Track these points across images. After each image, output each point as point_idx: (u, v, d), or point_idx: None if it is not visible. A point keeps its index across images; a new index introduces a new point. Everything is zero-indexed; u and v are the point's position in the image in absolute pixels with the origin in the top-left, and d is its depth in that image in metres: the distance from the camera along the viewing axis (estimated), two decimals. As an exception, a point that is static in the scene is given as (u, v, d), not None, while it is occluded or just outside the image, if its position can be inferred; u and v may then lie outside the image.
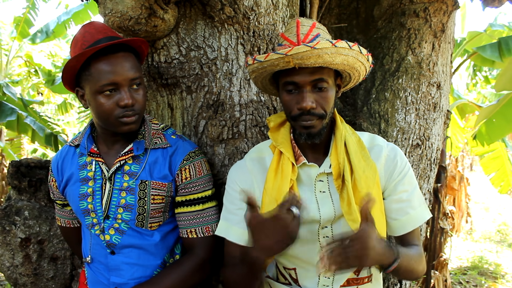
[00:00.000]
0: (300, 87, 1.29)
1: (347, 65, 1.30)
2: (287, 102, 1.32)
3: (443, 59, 2.22)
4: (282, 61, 1.25)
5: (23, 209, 2.04)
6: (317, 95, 1.29)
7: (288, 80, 1.30)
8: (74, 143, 1.65)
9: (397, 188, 1.42)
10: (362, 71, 1.39)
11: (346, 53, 1.26)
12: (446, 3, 2.14)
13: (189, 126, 1.84)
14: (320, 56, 1.22)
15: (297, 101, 1.29)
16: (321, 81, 1.28)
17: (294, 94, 1.31)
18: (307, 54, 1.21)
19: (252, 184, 1.46)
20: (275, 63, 1.27)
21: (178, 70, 1.78)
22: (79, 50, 1.41)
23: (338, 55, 1.24)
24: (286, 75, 1.30)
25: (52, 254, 2.07)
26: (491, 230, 8.75)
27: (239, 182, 1.47)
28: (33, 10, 7.87)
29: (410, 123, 2.10)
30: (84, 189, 1.57)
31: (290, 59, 1.22)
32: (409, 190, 1.44)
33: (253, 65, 1.34)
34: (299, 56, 1.21)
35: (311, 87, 1.29)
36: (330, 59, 1.24)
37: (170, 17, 1.70)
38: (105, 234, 1.56)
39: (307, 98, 1.27)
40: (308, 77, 1.27)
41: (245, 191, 1.22)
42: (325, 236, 1.43)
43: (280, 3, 1.86)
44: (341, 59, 1.26)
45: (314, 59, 1.22)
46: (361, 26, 2.32)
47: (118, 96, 1.41)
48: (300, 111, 1.29)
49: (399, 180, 1.42)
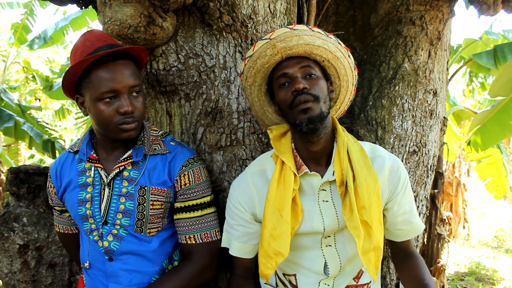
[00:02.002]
0: (291, 76, 1.34)
1: (328, 51, 1.36)
2: (283, 96, 1.35)
3: (439, 66, 2.24)
4: (269, 49, 1.34)
5: (21, 215, 2.05)
6: (309, 81, 1.34)
7: (279, 74, 1.36)
8: (73, 149, 1.66)
9: (401, 201, 1.46)
10: (347, 67, 1.43)
11: (324, 38, 1.36)
12: (442, 11, 2.17)
13: (188, 133, 1.86)
14: (301, 37, 1.32)
15: (291, 88, 1.33)
16: (309, 67, 1.35)
17: (288, 86, 1.35)
18: (288, 34, 1.32)
19: (253, 200, 1.47)
20: (262, 52, 1.35)
21: (177, 77, 1.79)
22: (79, 57, 1.42)
23: (316, 38, 1.34)
24: (277, 71, 1.37)
25: (50, 261, 2.07)
26: (488, 236, 8.76)
27: (240, 200, 1.49)
28: (31, 16, 7.89)
29: (407, 130, 2.12)
30: (83, 194, 1.58)
31: (274, 43, 1.32)
32: (410, 200, 1.49)
33: (245, 67, 1.41)
34: (281, 37, 1.32)
35: (302, 74, 1.34)
36: (310, 40, 1.33)
37: (169, 25, 1.72)
38: (103, 241, 1.56)
39: (299, 81, 1.32)
40: (296, 65, 1.35)
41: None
42: (328, 245, 1.45)
43: (278, 12, 1.88)
44: (321, 42, 1.35)
45: (296, 40, 1.32)
46: (358, 34, 2.35)
47: (118, 103, 1.42)
48: (295, 93, 1.31)
49: (403, 192, 1.45)
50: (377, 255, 1.35)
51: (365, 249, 1.34)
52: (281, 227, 1.36)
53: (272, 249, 1.37)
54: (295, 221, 1.38)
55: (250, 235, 1.48)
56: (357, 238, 1.33)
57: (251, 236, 1.48)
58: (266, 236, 1.38)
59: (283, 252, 1.35)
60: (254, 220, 1.48)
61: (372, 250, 1.34)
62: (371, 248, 1.34)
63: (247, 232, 1.48)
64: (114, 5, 1.62)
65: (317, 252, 1.44)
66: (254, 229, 1.48)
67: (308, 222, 1.40)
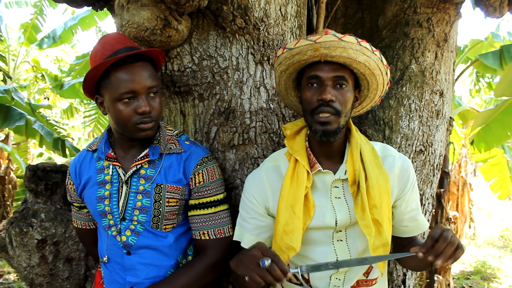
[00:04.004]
0: (322, 81, 1.35)
1: (368, 68, 1.36)
2: (309, 97, 1.38)
3: (445, 67, 2.29)
4: (310, 50, 1.32)
5: (39, 211, 2.12)
6: (337, 91, 1.36)
7: (312, 74, 1.37)
8: (92, 148, 1.72)
9: (409, 199, 1.51)
10: (380, 83, 1.45)
11: (369, 54, 1.34)
12: (448, 13, 2.21)
13: (201, 132, 1.92)
14: (346, 50, 1.30)
15: (318, 94, 1.35)
16: (342, 79, 1.35)
17: (316, 88, 1.37)
18: (334, 44, 1.29)
19: (266, 194, 1.53)
20: (303, 51, 1.33)
21: (191, 78, 1.85)
22: (99, 59, 1.48)
23: (361, 54, 1.32)
24: (311, 70, 1.38)
25: (67, 255, 2.14)
26: (494, 235, 8.77)
27: (254, 193, 1.54)
28: (40, 16, 7.97)
29: (414, 129, 2.17)
30: (102, 192, 1.64)
31: (318, 47, 1.29)
32: (416, 199, 1.54)
33: (282, 55, 1.41)
34: (327, 44, 1.29)
35: (333, 82, 1.36)
36: (354, 55, 1.31)
37: (184, 28, 1.78)
38: (121, 235, 1.62)
39: (328, 91, 1.34)
40: (331, 72, 1.34)
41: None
42: (339, 240, 1.50)
43: (289, 14, 1.93)
44: (364, 59, 1.33)
45: (339, 51, 1.30)
46: (366, 36, 2.39)
47: (136, 103, 1.48)
48: (320, 102, 1.34)
49: (411, 190, 1.51)
50: (386, 250, 1.43)
51: (375, 246, 1.41)
52: (293, 222, 1.42)
53: (285, 244, 1.42)
54: (307, 217, 1.44)
55: (262, 228, 1.54)
56: (368, 236, 1.39)
57: (263, 230, 1.54)
58: (279, 231, 1.44)
59: (295, 246, 1.41)
60: (266, 214, 1.54)
61: (381, 246, 1.41)
62: (381, 244, 1.41)
63: (259, 225, 1.53)
64: (132, 8, 1.68)
65: (329, 247, 1.50)
66: (267, 223, 1.54)
67: (320, 217, 1.45)
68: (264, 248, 1.25)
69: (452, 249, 1.21)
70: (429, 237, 1.24)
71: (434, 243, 1.22)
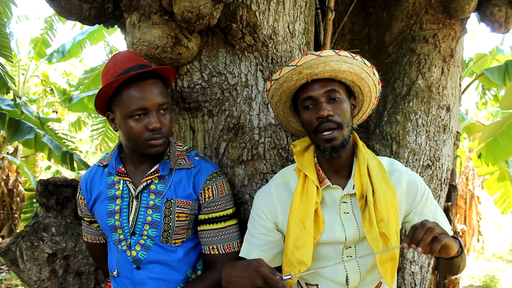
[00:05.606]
0: (316, 99, 1.40)
1: (354, 73, 1.41)
2: (308, 119, 1.43)
3: (452, 82, 2.31)
4: (295, 74, 1.38)
5: (50, 225, 2.14)
6: (333, 105, 1.40)
7: (304, 96, 1.42)
8: (103, 163, 1.75)
9: (423, 211, 1.52)
10: (371, 85, 1.49)
11: (350, 61, 1.39)
12: (454, 29, 2.24)
13: (210, 148, 1.94)
14: (327, 64, 1.35)
15: (316, 113, 1.40)
16: (333, 91, 1.40)
17: (312, 108, 1.42)
18: (314, 62, 1.35)
19: (275, 209, 1.55)
20: (289, 77, 1.39)
21: (201, 94, 1.88)
22: (111, 77, 1.51)
23: (343, 62, 1.37)
24: (303, 93, 1.43)
25: (77, 269, 2.15)
26: (503, 249, 8.69)
27: (263, 208, 1.56)
28: (50, 31, 8.07)
29: (421, 144, 2.18)
30: (112, 206, 1.66)
31: (300, 70, 1.36)
32: (433, 210, 1.54)
33: (272, 87, 1.47)
34: (308, 64, 1.35)
35: (326, 98, 1.40)
36: (336, 66, 1.36)
37: (194, 45, 1.81)
38: (131, 250, 1.64)
39: (323, 107, 1.38)
40: (321, 89, 1.39)
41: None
42: (349, 256, 1.51)
43: (297, 31, 1.96)
44: (347, 66, 1.38)
45: (322, 66, 1.35)
46: (373, 51, 2.42)
47: (147, 120, 1.51)
48: (319, 120, 1.39)
49: (423, 202, 1.52)
50: (393, 264, 1.43)
51: (383, 259, 1.42)
52: (304, 237, 1.43)
53: (296, 258, 1.44)
54: (317, 231, 1.46)
55: (270, 244, 1.55)
56: (375, 250, 1.40)
57: (271, 245, 1.55)
58: (289, 246, 1.46)
59: (306, 261, 1.42)
60: (275, 229, 1.55)
61: (389, 260, 1.42)
62: (388, 258, 1.42)
63: (268, 241, 1.55)
64: (143, 27, 1.72)
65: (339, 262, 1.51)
66: (275, 238, 1.55)
67: (330, 232, 1.47)
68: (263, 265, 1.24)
69: (431, 235, 1.21)
70: (411, 228, 1.26)
71: (414, 232, 1.23)
